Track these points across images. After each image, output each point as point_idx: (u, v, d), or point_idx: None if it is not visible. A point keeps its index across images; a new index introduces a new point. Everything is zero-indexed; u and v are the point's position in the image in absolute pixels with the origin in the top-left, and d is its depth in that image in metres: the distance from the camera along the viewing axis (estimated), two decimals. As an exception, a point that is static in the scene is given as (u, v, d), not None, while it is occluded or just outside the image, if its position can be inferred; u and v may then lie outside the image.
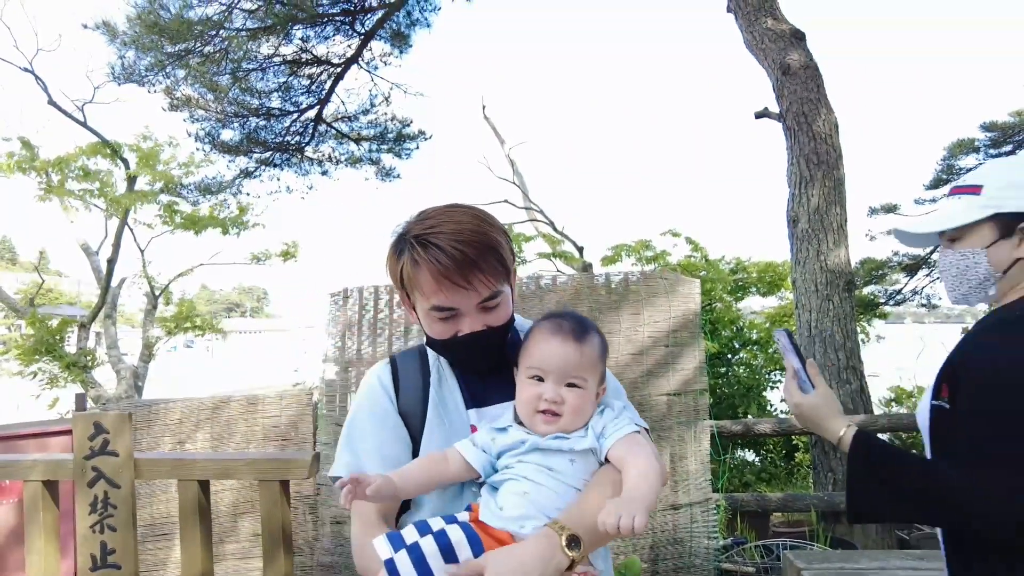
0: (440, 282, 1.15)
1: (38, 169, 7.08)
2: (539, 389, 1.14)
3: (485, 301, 1.18)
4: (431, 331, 1.23)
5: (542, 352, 1.16)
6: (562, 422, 1.14)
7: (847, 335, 4.56)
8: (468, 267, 1.14)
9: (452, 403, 1.28)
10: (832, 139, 4.77)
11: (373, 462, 1.21)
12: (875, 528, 4.26)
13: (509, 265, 1.22)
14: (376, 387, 1.30)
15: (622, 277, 3.76)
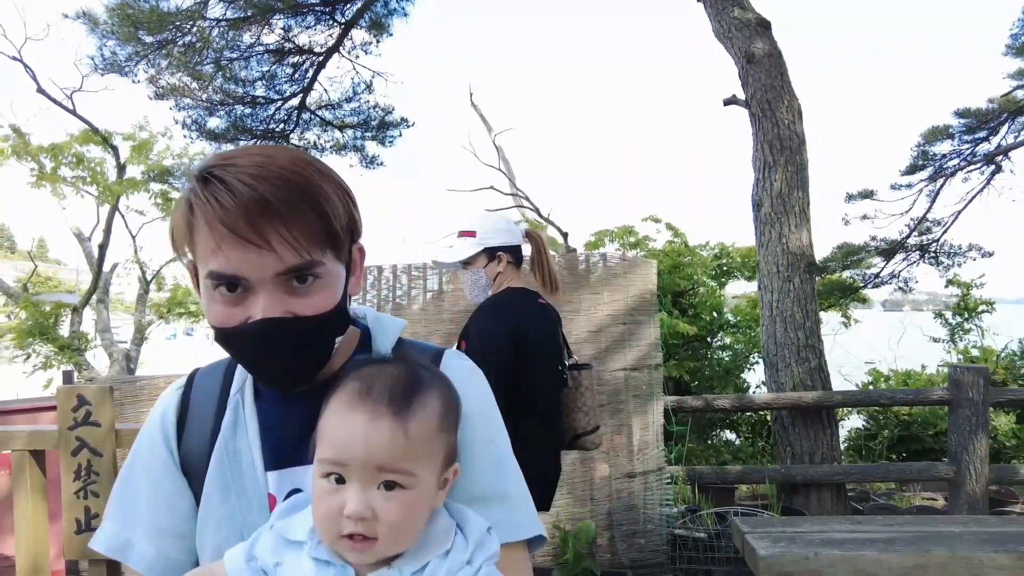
0: (219, 234, 0.76)
1: (32, 155, 7.22)
2: (339, 497, 0.72)
3: (290, 274, 0.79)
4: (210, 314, 0.83)
5: (339, 436, 0.74)
6: (379, 546, 0.73)
7: (807, 315, 4.73)
8: (262, 213, 0.75)
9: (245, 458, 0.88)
10: (795, 125, 4.92)
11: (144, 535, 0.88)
12: (831, 501, 4.46)
13: (336, 227, 0.82)
14: (156, 427, 0.93)
15: (583, 258, 3.93)
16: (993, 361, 7.87)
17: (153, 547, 0.87)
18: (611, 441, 3.70)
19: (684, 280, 8.50)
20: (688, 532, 3.71)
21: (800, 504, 4.43)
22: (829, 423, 4.56)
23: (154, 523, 0.88)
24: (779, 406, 4.54)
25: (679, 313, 8.17)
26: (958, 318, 8.72)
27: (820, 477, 4.34)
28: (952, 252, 8.94)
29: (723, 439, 8.48)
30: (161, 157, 8.45)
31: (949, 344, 8.67)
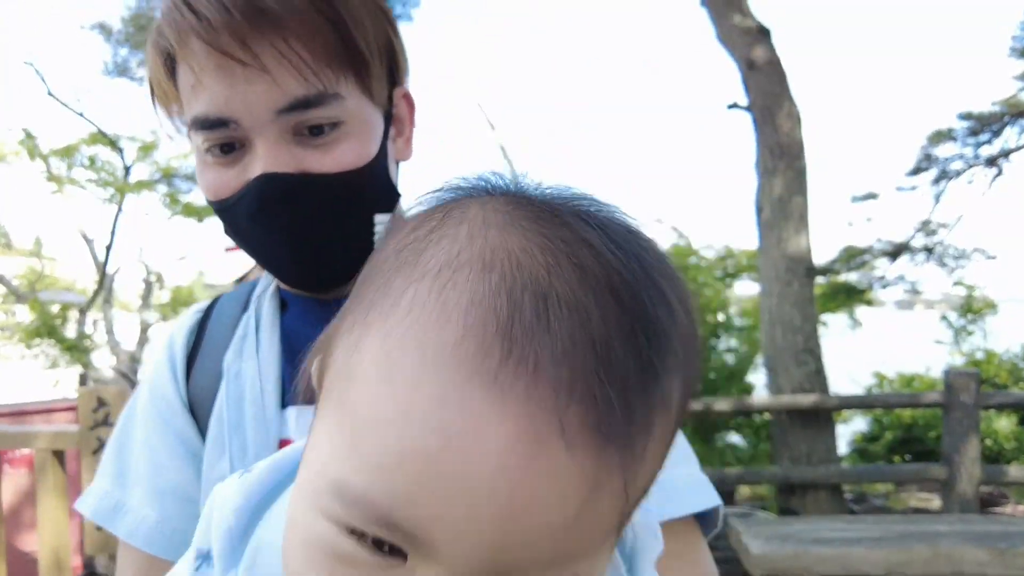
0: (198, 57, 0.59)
1: (43, 157, 7.39)
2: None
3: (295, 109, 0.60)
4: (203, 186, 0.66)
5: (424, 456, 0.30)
6: None
7: (805, 319, 4.82)
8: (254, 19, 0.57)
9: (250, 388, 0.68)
10: (795, 132, 5.00)
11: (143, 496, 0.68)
12: (828, 502, 4.54)
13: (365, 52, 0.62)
14: (162, 359, 0.74)
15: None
16: (995, 363, 7.91)
17: (154, 511, 0.67)
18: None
19: (689, 282, 8.58)
20: (685, 531, 3.79)
21: (797, 505, 4.52)
22: (826, 425, 4.64)
23: (154, 482, 0.68)
24: (777, 409, 4.63)
25: (684, 315, 8.26)
26: (962, 320, 8.75)
27: (817, 479, 4.43)
28: (957, 254, 8.99)
29: (727, 442, 8.56)
30: (168, 159, 8.61)
31: (953, 346, 8.69)
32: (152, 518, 0.67)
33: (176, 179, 8.07)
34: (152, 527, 0.67)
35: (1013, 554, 3.03)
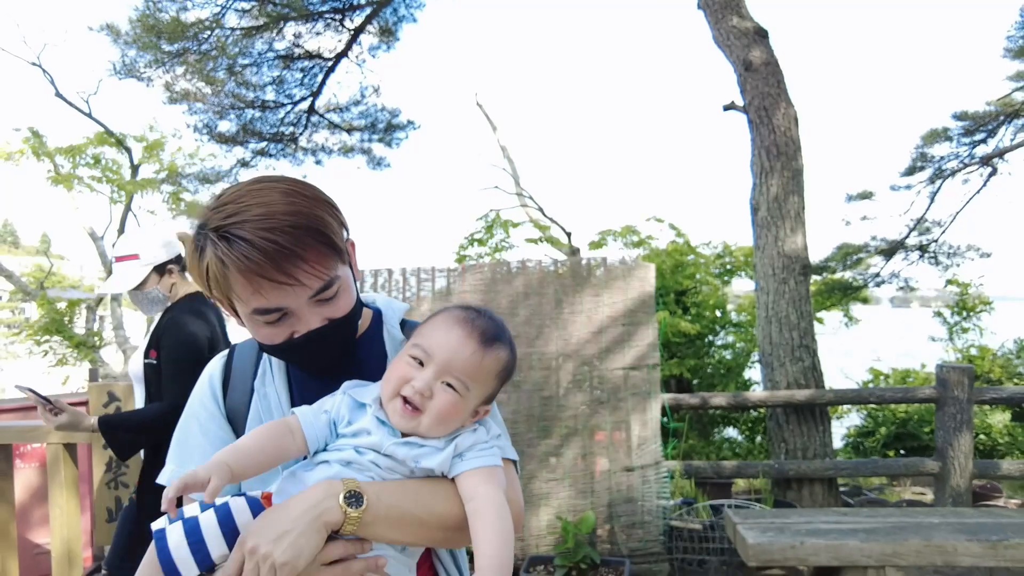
0: (255, 282, 0.92)
1: (49, 156, 7.44)
2: (413, 373, 0.97)
3: (318, 294, 0.98)
4: (259, 336, 1.02)
5: (437, 337, 1.00)
6: (420, 422, 0.96)
7: (801, 316, 4.89)
8: (286, 259, 0.91)
9: (274, 399, 1.10)
10: (791, 132, 5.07)
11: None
12: (822, 495, 4.62)
13: (340, 244, 1.00)
14: (205, 386, 1.15)
15: (584, 262, 4.10)
16: (990, 360, 8.00)
17: None
18: (611, 437, 3.88)
19: (687, 279, 8.65)
20: (684, 523, 3.88)
21: (793, 498, 4.60)
22: (821, 420, 4.72)
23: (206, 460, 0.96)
24: (773, 404, 4.70)
25: (681, 312, 8.32)
26: (956, 317, 8.83)
27: (812, 472, 4.51)
28: (951, 252, 9.10)
29: (724, 436, 8.65)
30: (173, 157, 8.67)
31: (948, 343, 8.78)
32: None
33: (181, 178, 8.13)
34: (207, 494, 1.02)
35: (1005, 546, 3.11)
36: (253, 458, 0.93)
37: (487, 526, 0.91)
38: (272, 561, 0.84)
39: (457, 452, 0.98)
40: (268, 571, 0.84)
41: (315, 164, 7.71)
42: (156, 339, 2.45)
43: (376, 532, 0.92)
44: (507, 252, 8.85)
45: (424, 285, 4.07)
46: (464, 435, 1.00)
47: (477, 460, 0.97)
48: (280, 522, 0.87)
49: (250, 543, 0.86)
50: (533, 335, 3.93)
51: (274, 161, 7.48)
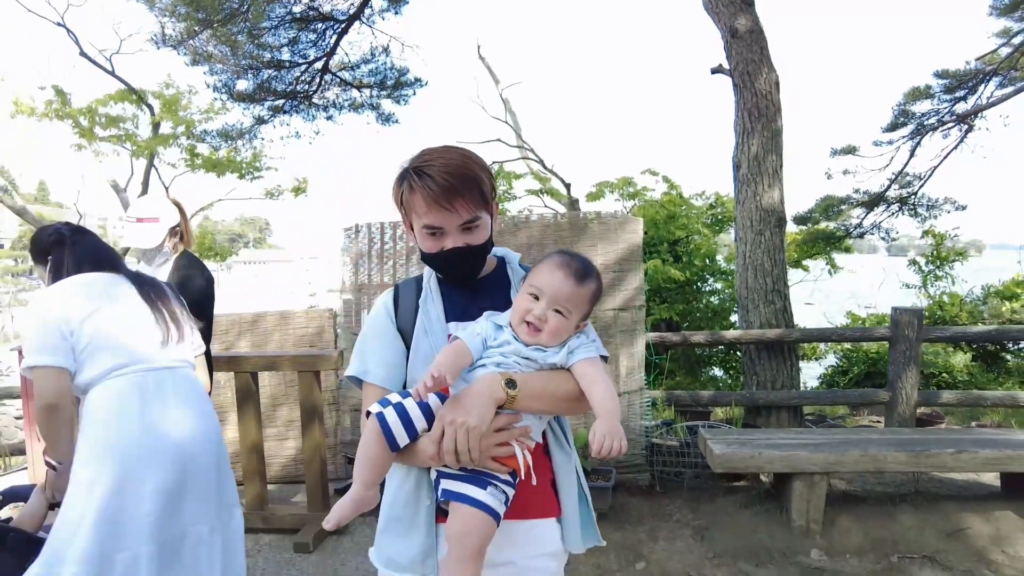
0: (430, 205, 1.36)
1: (72, 115, 7.82)
2: (531, 305, 1.36)
3: (466, 223, 1.39)
4: (423, 246, 1.45)
5: (545, 277, 1.38)
6: (541, 337, 1.36)
7: (775, 264, 5.44)
8: (452, 193, 1.35)
9: (435, 315, 1.49)
10: (772, 96, 5.51)
11: (377, 366, 1.47)
12: (788, 421, 5.27)
13: (488, 198, 1.43)
14: (380, 310, 1.55)
15: (581, 216, 4.62)
16: (958, 305, 8.59)
17: (383, 371, 1.47)
18: (602, 368, 4.48)
19: (679, 229, 9.14)
20: (663, 441, 4.53)
21: (762, 423, 5.24)
22: (789, 356, 5.33)
23: (382, 358, 1.48)
24: (747, 341, 5.30)
25: (673, 260, 8.85)
26: (931, 266, 9.35)
27: (779, 401, 5.14)
28: (929, 204, 9.59)
29: (709, 375, 9.31)
30: (185, 110, 9.03)
31: (920, 290, 9.33)
32: (382, 374, 1.48)
33: (205, 135, 8.50)
34: (384, 378, 1.48)
35: (926, 455, 3.72)
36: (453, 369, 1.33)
37: (598, 388, 1.35)
38: (466, 426, 1.27)
39: (570, 350, 1.39)
40: (463, 433, 1.27)
41: (327, 120, 8.18)
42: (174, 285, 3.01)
43: (525, 405, 1.35)
44: (510, 203, 9.33)
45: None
46: (573, 339, 1.40)
47: (583, 353, 1.39)
48: (466, 402, 1.30)
49: (448, 416, 1.29)
50: (535, 280, 4.49)
51: (289, 118, 7.93)
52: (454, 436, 1.28)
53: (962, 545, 3.59)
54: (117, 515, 1.99)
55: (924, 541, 3.63)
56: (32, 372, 2.06)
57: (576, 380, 1.38)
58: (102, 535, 1.97)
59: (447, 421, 1.29)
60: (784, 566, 3.52)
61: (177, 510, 2.10)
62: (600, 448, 1.28)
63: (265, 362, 3.90)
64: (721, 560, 3.61)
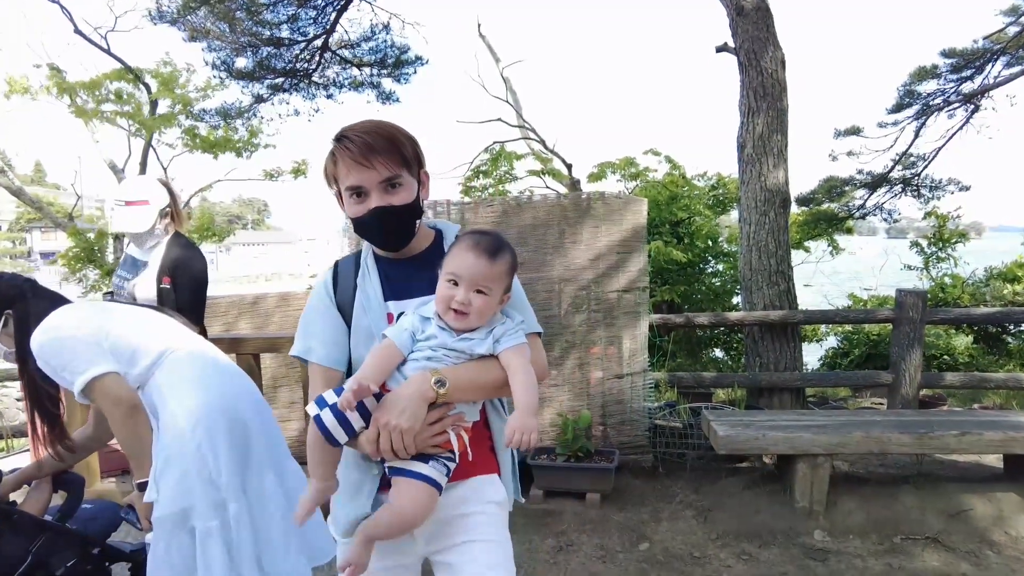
0: (350, 165, 1.41)
1: (71, 92, 7.72)
2: (453, 292, 1.38)
3: (387, 181, 1.42)
4: (350, 212, 1.48)
5: (459, 261, 1.40)
6: (469, 320, 1.40)
7: (779, 245, 5.40)
8: (369, 151, 1.39)
9: (372, 293, 1.51)
10: (777, 74, 5.44)
11: (320, 345, 1.49)
12: (791, 403, 5.27)
13: (410, 161, 1.46)
14: (320, 288, 1.58)
15: (585, 197, 4.58)
16: (960, 287, 8.56)
17: (325, 350, 1.49)
18: (605, 350, 4.47)
19: (681, 211, 9.09)
20: (666, 422, 4.53)
21: (764, 404, 5.24)
22: (792, 337, 5.31)
23: (324, 337, 1.50)
24: (750, 322, 5.28)
25: (675, 241, 8.81)
26: (933, 248, 9.30)
27: (782, 382, 5.14)
28: (933, 185, 9.53)
29: (711, 357, 9.32)
30: (184, 89, 8.93)
31: (922, 271, 9.29)
32: (324, 352, 1.49)
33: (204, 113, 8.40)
34: (328, 356, 1.49)
35: (929, 437, 3.72)
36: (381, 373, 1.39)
37: (518, 382, 1.40)
38: (399, 428, 1.32)
39: (495, 339, 1.42)
40: (397, 435, 1.32)
41: (327, 98, 8.09)
42: (167, 268, 3.03)
43: (456, 397, 1.40)
44: (511, 184, 9.26)
45: (440, 217, 4.56)
46: (497, 327, 1.43)
47: (508, 341, 1.43)
48: (398, 404, 1.34)
49: (382, 419, 1.34)
50: (539, 262, 4.45)
51: (288, 96, 7.85)
52: (389, 438, 1.33)
53: (964, 526, 3.60)
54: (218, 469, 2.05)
55: (927, 522, 3.64)
56: (94, 386, 2.04)
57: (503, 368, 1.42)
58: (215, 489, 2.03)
59: (381, 424, 1.34)
60: (787, 547, 3.53)
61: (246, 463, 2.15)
62: (510, 442, 1.30)
63: (268, 343, 3.88)
64: (724, 541, 3.62)
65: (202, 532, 1.99)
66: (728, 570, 3.33)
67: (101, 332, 2.13)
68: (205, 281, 3.18)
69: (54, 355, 2.08)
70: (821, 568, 3.31)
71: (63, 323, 2.13)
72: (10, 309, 2.26)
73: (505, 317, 1.48)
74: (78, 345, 2.08)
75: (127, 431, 2.09)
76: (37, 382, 2.23)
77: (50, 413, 2.31)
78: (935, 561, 3.35)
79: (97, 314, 2.22)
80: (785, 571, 3.30)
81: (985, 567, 3.28)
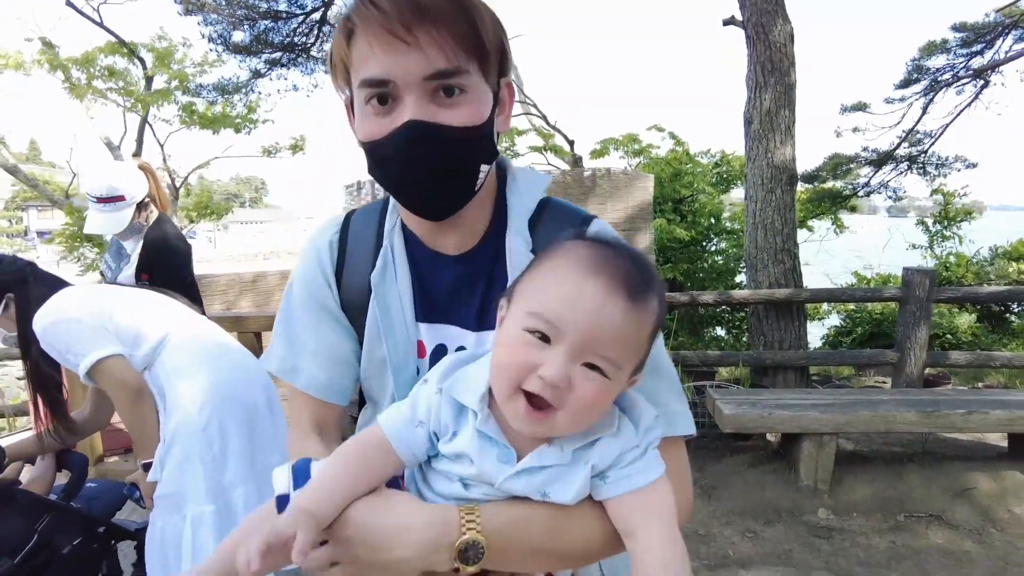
0: (373, 35, 0.78)
1: (64, 67, 7.59)
2: (538, 356, 0.69)
3: (437, 78, 0.79)
4: (361, 131, 0.85)
5: (564, 297, 0.70)
6: (556, 421, 0.70)
7: (785, 223, 5.35)
8: (415, 13, 0.77)
9: (395, 306, 0.92)
10: (786, 48, 5.34)
11: (312, 361, 0.95)
12: (795, 381, 5.25)
13: (487, 46, 0.82)
14: (312, 264, 0.98)
15: (591, 173, 4.51)
16: (965, 266, 8.52)
17: (323, 373, 0.94)
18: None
19: (684, 188, 9.01)
20: (670, 401, 4.50)
21: (769, 383, 5.22)
22: (798, 316, 5.28)
23: (318, 350, 0.94)
24: (755, 301, 5.25)
25: (679, 219, 8.75)
26: (938, 226, 9.24)
27: (786, 361, 5.11)
28: (939, 163, 9.44)
29: (713, 335, 9.30)
30: (181, 65, 8.80)
31: (927, 250, 9.25)
32: (322, 378, 0.95)
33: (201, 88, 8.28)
34: (324, 383, 0.95)
35: (936, 415, 3.70)
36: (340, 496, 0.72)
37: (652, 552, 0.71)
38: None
39: (596, 472, 0.74)
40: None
41: (325, 73, 7.94)
42: (145, 263, 2.76)
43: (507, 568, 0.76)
44: (513, 160, 9.18)
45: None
46: (601, 444, 0.74)
47: (627, 482, 0.74)
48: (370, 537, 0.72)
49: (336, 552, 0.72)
50: (542, 239, 4.40)
51: (287, 71, 7.73)
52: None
53: (968, 504, 3.60)
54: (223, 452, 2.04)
55: (931, 500, 3.64)
56: (99, 368, 2.00)
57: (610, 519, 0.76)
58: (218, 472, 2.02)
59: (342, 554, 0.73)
60: (791, 525, 3.53)
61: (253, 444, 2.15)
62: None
63: (269, 322, 3.84)
64: (729, 519, 3.62)
65: (195, 517, 1.97)
66: (733, 547, 3.33)
67: (104, 314, 2.11)
68: (188, 265, 2.94)
69: (58, 338, 2.06)
70: (825, 546, 3.31)
71: (66, 306, 2.11)
72: (11, 293, 2.23)
73: (619, 415, 0.77)
74: (82, 328, 2.06)
75: (132, 413, 2.07)
76: (40, 366, 2.22)
77: (53, 396, 2.31)
78: (939, 539, 3.35)
79: (100, 296, 2.19)
80: (790, 548, 3.30)
81: (988, 544, 3.28)
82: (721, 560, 3.21)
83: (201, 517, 1.98)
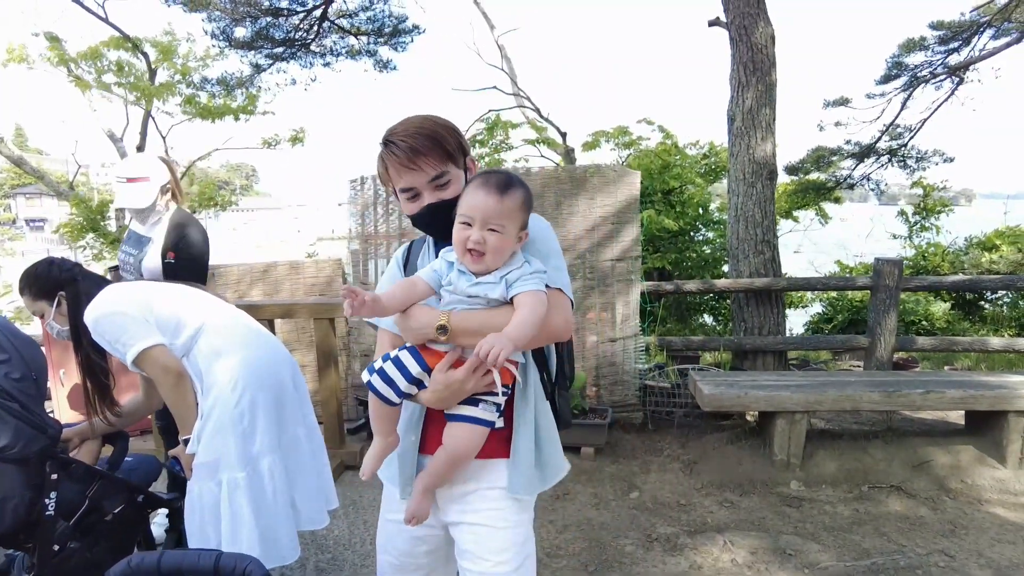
0: (399, 169, 1.49)
1: (72, 61, 7.75)
2: (467, 233, 1.39)
3: (434, 180, 1.49)
4: (406, 210, 1.57)
5: (470, 201, 1.40)
6: (485, 261, 1.39)
7: (765, 215, 5.65)
8: (415, 154, 1.46)
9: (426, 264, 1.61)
10: (767, 49, 5.61)
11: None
12: (774, 365, 5.57)
13: (454, 152, 1.51)
14: (392, 264, 1.76)
15: (581, 169, 4.79)
16: (940, 255, 8.87)
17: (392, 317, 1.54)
18: (599, 315, 4.74)
19: (673, 179, 9.28)
20: (655, 383, 4.83)
21: (749, 367, 5.54)
22: (776, 303, 5.60)
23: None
24: (736, 289, 5.56)
25: (668, 209, 9.02)
26: (917, 217, 9.58)
27: (765, 346, 5.43)
28: (919, 156, 9.77)
29: (699, 322, 9.63)
30: (184, 59, 8.97)
31: (906, 240, 9.58)
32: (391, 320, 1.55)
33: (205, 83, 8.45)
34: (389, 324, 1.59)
35: (897, 395, 4.02)
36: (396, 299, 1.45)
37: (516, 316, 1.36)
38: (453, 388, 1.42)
39: (508, 283, 1.40)
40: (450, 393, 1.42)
41: (323, 67, 8.17)
42: (171, 244, 3.15)
43: (463, 342, 1.41)
44: (506, 152, 9.39)
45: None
46: (513, 271, 1.41)
47: (522, 286, 1.39)
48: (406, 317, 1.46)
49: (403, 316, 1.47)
50: (536, 232, 4.69)
51: (286, 65, 7.92)
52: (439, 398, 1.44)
53: (926, 476, 3.94)
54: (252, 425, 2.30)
55: (892, 472, 3.97)
56: (144, 357, 2.28)
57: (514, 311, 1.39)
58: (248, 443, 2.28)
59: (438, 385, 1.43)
60: (765, 495, 3.86)
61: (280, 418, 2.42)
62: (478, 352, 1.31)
63: (283, 310, 4.11)
64: (708, 490, 3.95)
65: (230, 483, 2.24)
66: (711, 515, 3.65)
67: (147, 308, 2.38)
68: (207, 253, 3.33)
69: (108, 330, 2.33)
70: (795, 514, 3.64)
71: (113, 300, 2.38)
72: (63, 291, 2.50)
73: (524, 262, 1.44)
74: (128, 320, 2.33)
75: (174, 395, 2.35)
76: (91, 356, 2.50)
77: (101, 383, 2.58)
78: (897, 507, 3.69)
79: (142, 291, 2.46)
80: (763, 516, 3.62)
81: (941, 511, 3.62)
82: (700, 527, 3.53)
83: (235, 482, 2.27)
